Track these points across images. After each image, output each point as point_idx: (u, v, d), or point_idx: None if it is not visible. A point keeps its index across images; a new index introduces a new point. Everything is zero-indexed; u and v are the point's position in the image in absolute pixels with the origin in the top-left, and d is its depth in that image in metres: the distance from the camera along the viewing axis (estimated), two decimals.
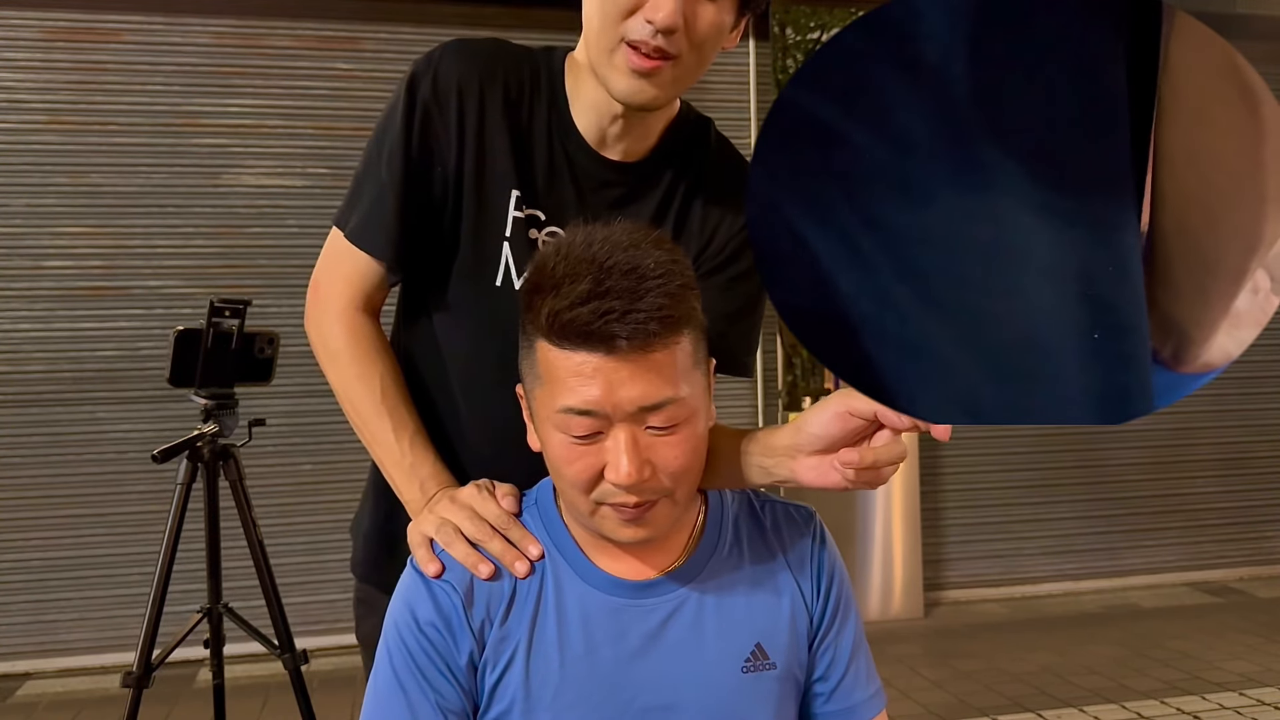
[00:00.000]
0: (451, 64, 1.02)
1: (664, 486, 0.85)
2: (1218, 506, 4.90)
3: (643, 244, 0.82)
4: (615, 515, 0.86)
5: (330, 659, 3.77)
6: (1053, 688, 3.32)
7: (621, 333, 0.79)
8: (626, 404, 0.81)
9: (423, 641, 0.89)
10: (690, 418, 0.85)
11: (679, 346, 0.83)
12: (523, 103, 1.04)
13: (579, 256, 0.81)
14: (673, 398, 0.82)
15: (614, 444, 0.82)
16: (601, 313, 0.79)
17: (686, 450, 0.85)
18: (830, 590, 0.99)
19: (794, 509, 1.03)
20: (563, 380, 0.82)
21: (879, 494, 4.20)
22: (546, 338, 0.83)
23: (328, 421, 3.97)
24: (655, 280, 0.80)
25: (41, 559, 3.76)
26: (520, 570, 0.91)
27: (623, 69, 0.95)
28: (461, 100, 1.02)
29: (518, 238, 1.05)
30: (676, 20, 0.91)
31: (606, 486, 0.84)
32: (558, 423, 0.84)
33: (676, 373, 0.83)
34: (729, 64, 4.41)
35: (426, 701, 0.88)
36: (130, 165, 3.84)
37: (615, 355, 0.80)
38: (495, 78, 1.03)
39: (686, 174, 1.09)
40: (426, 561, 0.92)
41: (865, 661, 1.02)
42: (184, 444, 2.09)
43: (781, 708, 0.95)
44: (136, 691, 2.03)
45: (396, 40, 4.04)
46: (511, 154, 1.03)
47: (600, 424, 0.82)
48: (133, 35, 3.84)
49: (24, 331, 3.77)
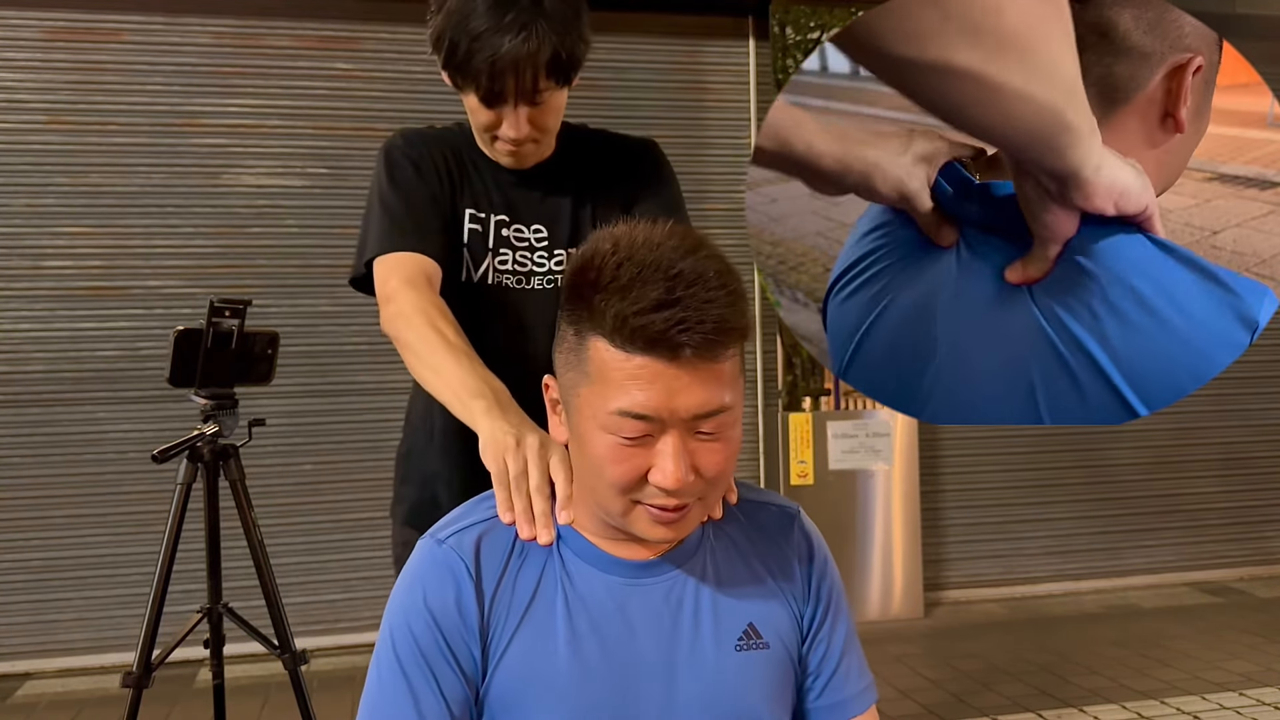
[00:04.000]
0: (413, 136, 1.40)
1: (700, 489, 0.88)
2: (1218, 506, 4.90)
3: (699, 251, 0.84)
4: (649, 516, 0.88)
5: (330, 659, 3.77)
6: (1053, 688, 3.32)
7: (690, 342, 0.81)
8: (683, 411, 0.83)
9: (431, 626, 0.90)
10: (734, 424, 0.88)
11: (734, 357, 0.86)
12: (461, 153, 1.40)
13: (643, 260, 0.82)
14: (725, 406, 0.85)
15: (664, 448, 0.84)
16: (675, 322, 0.80)
17: (727, 455, 0.88)
18: (820, 586, 1.01)
19: (778, 507, 1.05)
20: (619, 383, 0.83)
21: (879, 494, 4.20)
22: (608, 338, 0.83)
23: (328, 421, 3.97)
24: (718, 291, 0.82)
25: (41, 559, 3.76)
26: (544, 539, 0.94)
27: (502, 154, 1.36)
28: (430, 155, 1.37)
29: (473, 243, 1.37)
30: (524, 132, 1.29)
31: (649, 488, 0.86)
32: (608, 424, 0.85)
33: (728, 382, 0.85)
34: (729, 64, 4.42)
35: (429, 689, 0.89)
36: (130, 165, 3.84)
37: (677, 363, 0.82)
38: (444, 141, 1.41)
39: (584, 161, 1.43)
40: (505, 506, 0.95)
41: (857, 656, 1.03)
42: (184, 444, 2.09)
43: (775, 688, 0.96)
44: (136, 691, 2.03)
45: (396, 40, 4.04)
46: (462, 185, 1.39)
47: (653, 428, 0.84)
48: (133, 35, 3.84)
49: (24, 331, 3.77)
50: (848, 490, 4.17)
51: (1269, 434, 4.96)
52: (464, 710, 0.90)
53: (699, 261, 0.83)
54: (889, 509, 4.21)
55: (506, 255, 1.38)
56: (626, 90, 4.25)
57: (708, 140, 4.37)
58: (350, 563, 3.97)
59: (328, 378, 3.95)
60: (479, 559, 0.92)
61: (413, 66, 4.04)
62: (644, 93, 4.29)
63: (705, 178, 4.27)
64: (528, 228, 1.39)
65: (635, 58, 4.28)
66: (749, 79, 4.41)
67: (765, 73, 4.35)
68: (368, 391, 3.97)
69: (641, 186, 1.43)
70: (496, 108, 1.27)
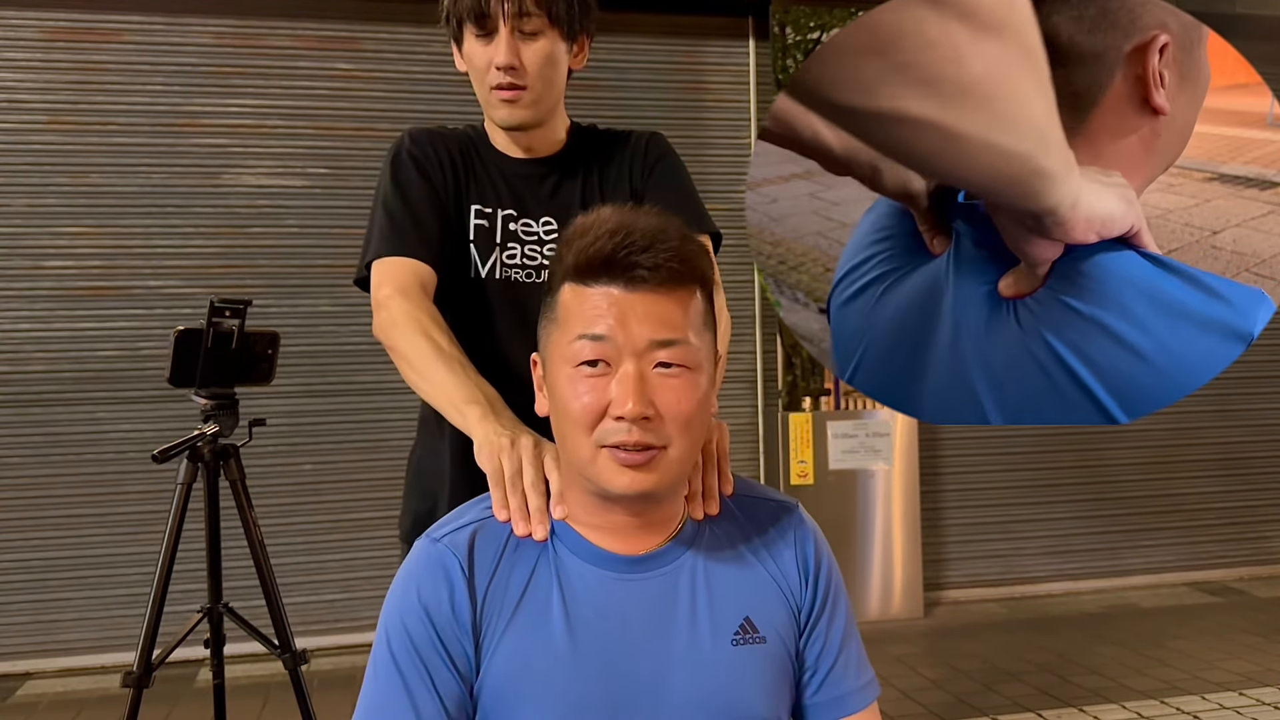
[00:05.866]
0: (420, 135, 1.41)
1: (665, 433, 0.88)
2: (1218, 506, 4.90)
3: (662, 215, 0.92)
4: (614, 461, 0.88)
5: (330, 659, 3.77)
6: (1053, 688, 3.32)
7: (644, 262, 0.86)
8: (638, 337, 0.87)
9: (426, 625, 0.90)
10: (696, 367, 0.90)
11: (693, 299, 0.90)
12: (469, 149, 1.42)
13: (606, 215, 0.90)
14: (682, 339, 0.88)
15: (621, 376, 0.87)
16: (626, 244, 0.86)
17: (689, 398, 0.89)
18: (818, 579, 1.01)
19: (776, 502, 1.05)
20: (581, 312, 0.88)
21: (879, 494, 4.20)
22: (571, 278, 0.89)
23: (328, 421, 3.97)
24: (675, 237, 0.89)
25: (41, 559, 3.76)
26: (539, 534, 0.95)
27: (496, 104, 1.34)
28: (437, 153, 1.39)
29: (479, 238, 1.38)
30: (511, 59, 1.29)
31: (609, 424, 0.87)
32: (568, 354, 0.88)
33: (687, 320, 0.89)
34: (729, 64, 4.42)
35: (425, 687, 0.89)
36: (130, 165, 3.84)
37: (634, 289, 0.87)
38: (452, 138, 1.42)
39: (593, 155, 1.45)
40: (500, 504, 0.96)
41: (856, 651, 1.03)
42: (184, 444, 2.09)
43: (772, 682, 0.96)
44: (136, 691, 2.03)
45: (396, 40, 4.04)
46: (468, 180, 1.40)
47: (609, 353, 0.87)
48: (133, 35, 3.84)
49: (24, 331, 3.77)
50: (848, 490, 4.17)
51: (1269, 434, 4.96)
52: (459, 707, 0.91)
53: (662, 221, 0.90)
54: (889, 509, 4.21)
55: (514, 249, 1.38)
56: (626, 90, 4.25)
57: (708, 140, 4.37)
58: (350, 563, 3.97)
59: (328, 378, 3.95)
60: (472, 556, 0.93)
61: (413, 66, 4.04)
62: (644, 93, 4.29)
63: (705, 178, 4.27)
64: (537, 221, 1.39)
65: (635, 58, 4.28)
66: (749, 79, 4.41)
67: (765, 73, 4.35)
68: (368, 391, 3.97)
69: (653, 176, 1.44)
70: (489, 36, 1.30)
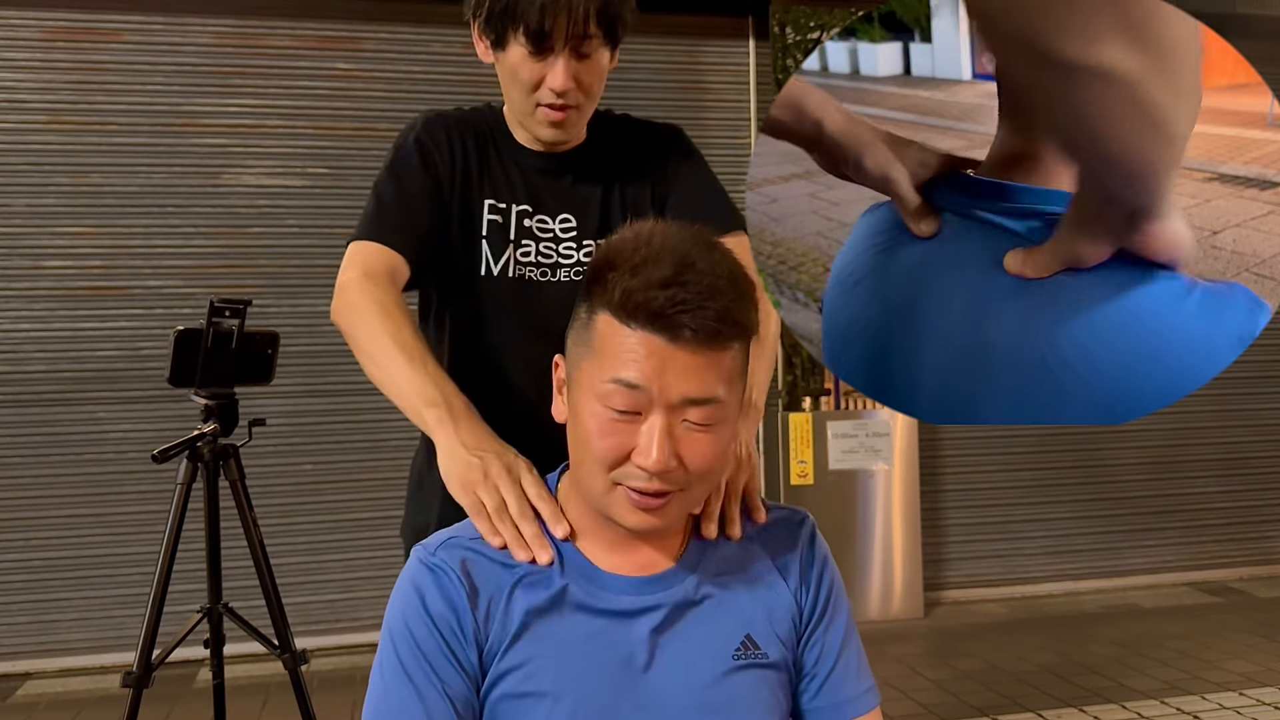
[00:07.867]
0: (434, 120, 1.34)
1: (683, 480, 0.87)
2: (1218, 506, 4.90)
3: (715, 251, 0.88)
4: (628, 500, 0.88)
5: (330, 659, 3.77)
6: (1053, 688, 3.32)
7: (690, 324, 0.83)
8: (673, 391, 0.85)
9: (430, 628, 0.90)
10: (724, 421, 0.88)
11: (731, 352, 0.87)
12: (485, 138, 1.35)
13: (660, 245, 0.86)
14: (716, 397, 0.86)
15: (649, 427, 0.85)
16: (677, 301, 0.83)
17: (714, 451, 0.88)
18: (820, 585, 1.01)
19: (786, 511, 1.05)
20: (617, 354, 0.85)
21: (879, 494, 4.20)
22: (614, 312, 0.86)
23: (328, 421, 3.97)
24: (726, 284, 0.86)
25: (41, 559, 3.76)
26: (544, 559, 0.93)
27: (543, 122, 1.28)
28: (450, 141, 1.32)
29: (492, 234, 1.32)
30: (569, 83, 1.24)
31: (630, 468, 0.86)
32: (600, 393, 0.86)
33: (723, 375, 0.87)
34: (729, 64, 4.42)
35: (434, 689, 0.89)
36: (130, 165, 3.84)
37: (676, 344, 0.84)
38: (468, 124, 1.35)
39: (613, 150, 1.38)
40: (490, 534, 0.94)
41: (856, 658, 1.02)
42: (184, 444, 2.09)
43: (773, 698, 0.96)
44: (136, 691, 2.03)
45: (396, 40, 4.04)
46: (482, 174, 1.33)
47: (641, 403, 0.85)
48: (133, 35, 3.84)
49: (24, 331, 3.77)
50: (848, 490, 4.17)
51: (1269, 434, 4.96)
52: (468, 708, 0.90)
53: (714, 257, 0.87)
54: (889, 509, 4.21)
55: (529, 246, 1.33)
56: (626, 90, 4.24)
57: (708, 140, 4.36)
58: (350, 563, 3.97)
59: (328, 378, 3.95)
60: (470, 574, 0.92)
61: (413, 66, 4.04)
62: (644, 93, 4.29)
63: None
64: (553, 218, 1.34)
65: (635, 58, 4.28)
66: (749, 79, 4.41)
67: (765, 73, 4.35)
68: (368, 391, 3.92)
69: (677, 172, 1.39)
70: (543, 56, 1.22)
